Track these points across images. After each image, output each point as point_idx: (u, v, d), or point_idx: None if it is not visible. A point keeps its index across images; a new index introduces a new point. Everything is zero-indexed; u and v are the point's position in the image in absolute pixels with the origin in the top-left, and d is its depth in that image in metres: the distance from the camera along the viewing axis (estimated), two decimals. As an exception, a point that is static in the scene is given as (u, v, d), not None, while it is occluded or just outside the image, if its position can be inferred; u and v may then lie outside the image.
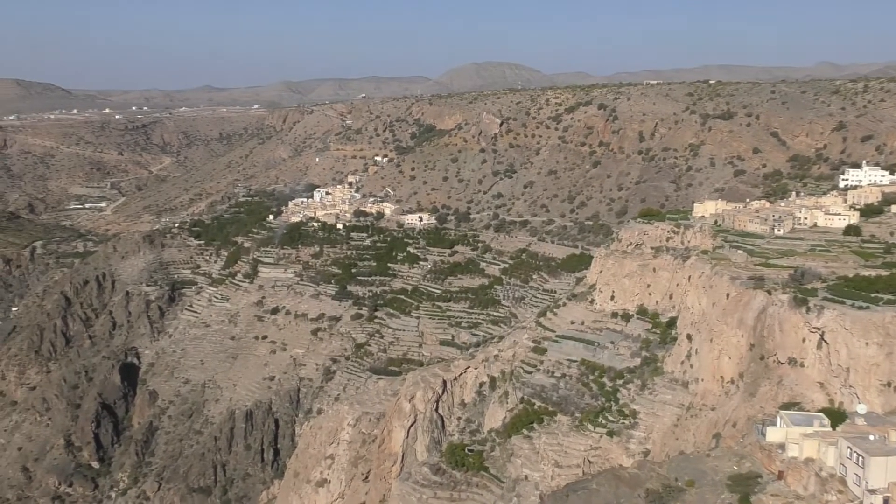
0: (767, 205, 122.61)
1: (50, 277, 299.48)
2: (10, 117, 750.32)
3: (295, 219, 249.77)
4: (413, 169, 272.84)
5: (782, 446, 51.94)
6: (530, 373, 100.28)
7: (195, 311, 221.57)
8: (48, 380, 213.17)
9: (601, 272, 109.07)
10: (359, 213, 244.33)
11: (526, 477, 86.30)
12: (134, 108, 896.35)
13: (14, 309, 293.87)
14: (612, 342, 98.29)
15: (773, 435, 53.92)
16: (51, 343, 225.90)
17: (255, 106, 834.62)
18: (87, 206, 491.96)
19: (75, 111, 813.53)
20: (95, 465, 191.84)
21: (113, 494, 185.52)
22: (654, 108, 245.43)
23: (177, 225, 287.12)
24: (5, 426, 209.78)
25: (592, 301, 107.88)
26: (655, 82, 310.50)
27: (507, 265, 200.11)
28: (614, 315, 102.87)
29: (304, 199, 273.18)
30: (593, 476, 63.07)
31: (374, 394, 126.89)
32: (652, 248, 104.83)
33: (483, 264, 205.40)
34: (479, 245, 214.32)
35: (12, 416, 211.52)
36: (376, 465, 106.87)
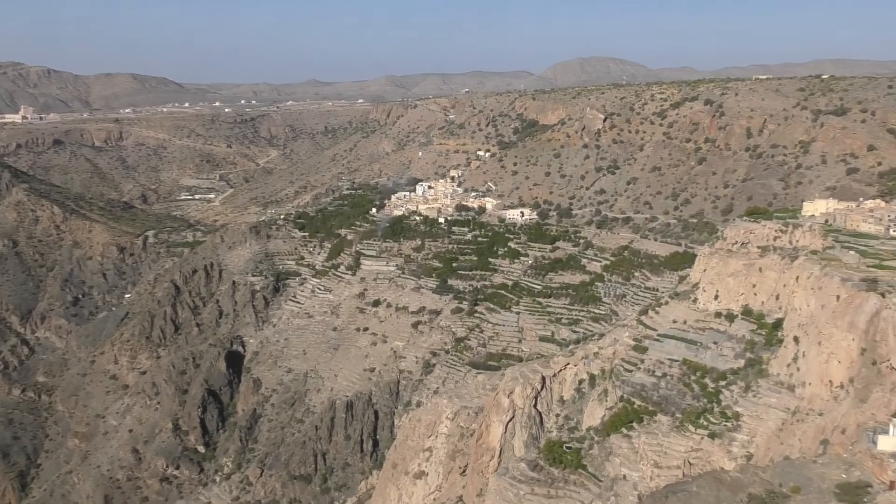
0: (883, 204, 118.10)
1: (161, 266, 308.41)
2: (127, 110, 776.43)
3: (397, 212, 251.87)
4: (515, 164, 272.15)
5: (895, 455, 50.22)
6: (630, 371, 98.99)
7: (298, 302, 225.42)
8: (158, 365, 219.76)
9: (705, 271, 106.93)
10: (460, 208, 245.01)
11: (624, 476, 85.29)
12: (243, 101, 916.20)
13: (127, 296, 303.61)
14: (715, 342, 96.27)
15: (885, 443, 52.13)
16: (161, 329, 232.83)
17: (360, 100, 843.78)
18: (196, 197, 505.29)
19: (187, 104, 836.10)
20: (201, 449, 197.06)
21: (217, 478, 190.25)
22: (763, 103, 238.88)
23: (282, 217, 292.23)
24: (117, 409, 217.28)
25: (695, 300, 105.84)
26: (765, 77, 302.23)
27: (608, 262, 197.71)
28: (718, 315, 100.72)
29: (407, 193, 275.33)
30: (694, 478, 61.98)
31: (472, 388, 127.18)
32: (758, 247, 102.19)
33: (584, 261, 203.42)
34: (581, 241, 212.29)
35: (124, 400, 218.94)
36: (474, 460, 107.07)
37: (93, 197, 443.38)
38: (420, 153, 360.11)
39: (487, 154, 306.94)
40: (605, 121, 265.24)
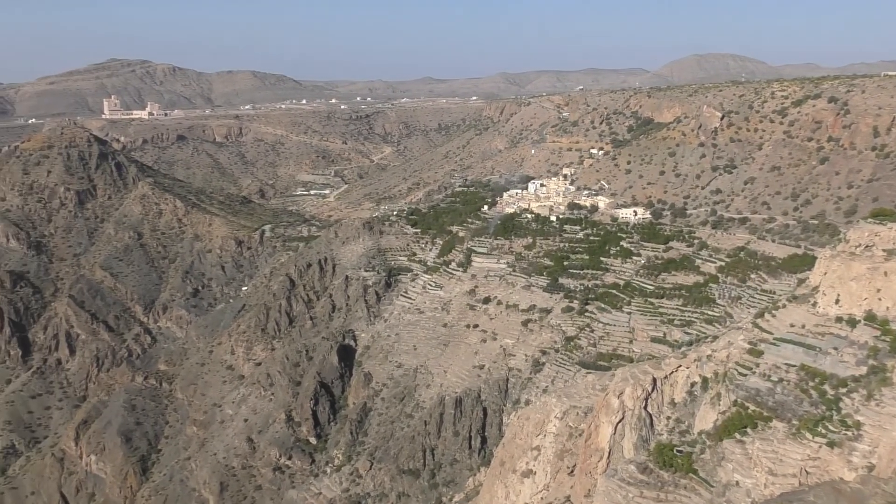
0: None
1: (277, 260, 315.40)
2: (246, 107, 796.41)
3: (509, 210, 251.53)
4: (629, 162, 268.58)
5: None
6: (745, 375, 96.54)
7: (410, 298, 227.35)
8: (272, 357, 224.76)
9: (825, 274, 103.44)
10: (573, 206, 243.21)
11: (737, 483, 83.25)
12: (358, 98, 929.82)
13: (244, 288, 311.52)
14: (835, 348, 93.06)
15: None
16: (276, 322, 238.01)
17: (474, 97, 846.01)
18: (312, 192, 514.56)
19: (304, 101, 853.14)
20: (313, 440, 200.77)
21: (328, 470, 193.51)
22: (893, 101, 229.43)
23: (395, 213, 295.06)
24: (233, 398, 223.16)
25: (815, 304, 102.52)
26: (894, 73, 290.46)
27: (723, 263, 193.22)
28: (839, 320, 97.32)
29: (519, 191, 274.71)
30: (811, 488, 60.22)
31: (582, 388, 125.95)
32: (884, 250, 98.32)
33: (698, 261, 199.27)
34: (695, 242, 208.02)
35: (240, 390, 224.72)
36: (582, 460, 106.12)
37: (213, 191, 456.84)
38: (533, 151, 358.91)
39: (601, 152, 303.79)
40: (722, 119, 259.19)
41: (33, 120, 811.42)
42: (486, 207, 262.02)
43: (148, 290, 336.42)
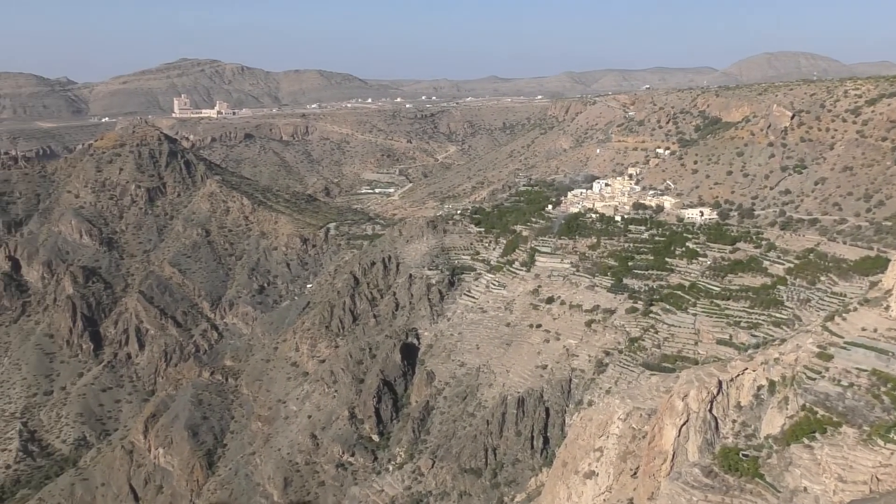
0: None
1: (341, 257, 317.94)
2: (313, 106, 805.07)
3: (573, 209, 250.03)
4: (696, 162, 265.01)
5: None
6: (814, 379, 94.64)
7: (473, 297, 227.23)
8: (336, 354, 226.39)
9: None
10: (638, 206, 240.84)
11: (805, 489, 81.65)
12: (423, 97, 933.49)
13: (309, 286, 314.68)
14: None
15: None
16: (339, 320, 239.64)
17: (539, 96, 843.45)
18: (376, 190, 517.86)
19: (370, 100, 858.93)
20: (375, 438, 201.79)
21: (390, 467, 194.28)
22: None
23: (459, 212, 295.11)
24: (297, 395, 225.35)
25: (888, 308, 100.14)
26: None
27: (792, 265, 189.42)
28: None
29: (584, 190, 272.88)
30: (882, 495, 58.85)
31: (646, 389, 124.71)
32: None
33: (766, 263, 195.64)
34: (763, 243, 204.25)
35: (304, 386, 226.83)
36: (645, 462, 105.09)
37: (279, 189, 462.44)
38: (598, 150, 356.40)
39: (667, 152, 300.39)
40: (792, 118, 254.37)
41: (106, 119, 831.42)
42: (550, 207, 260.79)
43: (215, 287, 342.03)
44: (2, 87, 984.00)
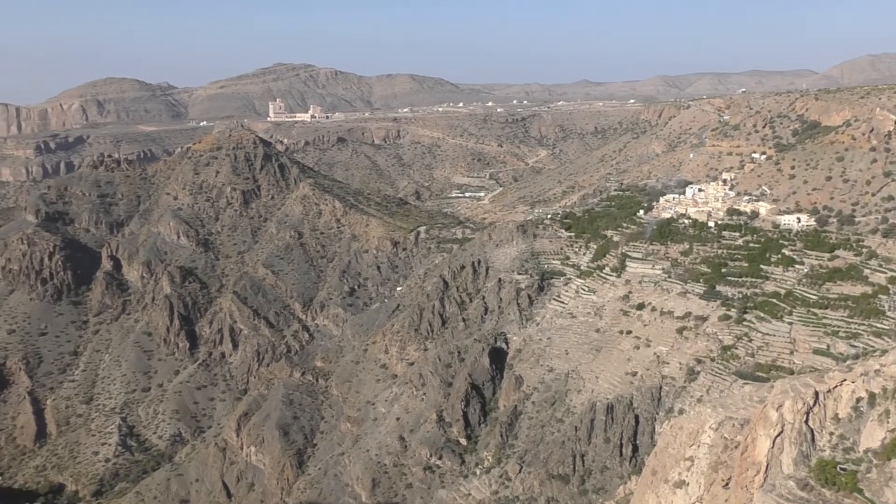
0: None
1: (431, 261, 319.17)
2: (405, 110, 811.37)
3: (665, 215, 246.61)
4: (793, 167, 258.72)
5: None
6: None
7: (562, 302, 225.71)
8: (425, 357, 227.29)
9: None
10: (732, 212, 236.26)
11: (905, 505, 79.06)
12: (515, 101, 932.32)
13: (399, 288, 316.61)
14: None
15: None
16: (428, 323, 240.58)
17: (631, 100, 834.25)
18: (466, 194, 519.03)
19: (461, 104, 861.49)
20: (463, 441, 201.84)
21: (477, 471, 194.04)
22: None
23: (549, 216, 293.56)
24: (386, 397, 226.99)
25: None
26: None
27: (895, 274, 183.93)
28: None
29: (676, 196, 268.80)
30: None
31: (738, 399, 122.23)
32: None
33: (867, 271, 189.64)
34: (864, 250, 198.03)
35: (392, 388, 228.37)
36: (738, 473, 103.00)
37: (370, 192, 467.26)
38: (691, 155, 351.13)
39: (763, 156, 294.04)
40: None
41: (204, 122, 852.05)
42: (641, 212, 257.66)
43: (306, 288, 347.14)
44: (107, 93, 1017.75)
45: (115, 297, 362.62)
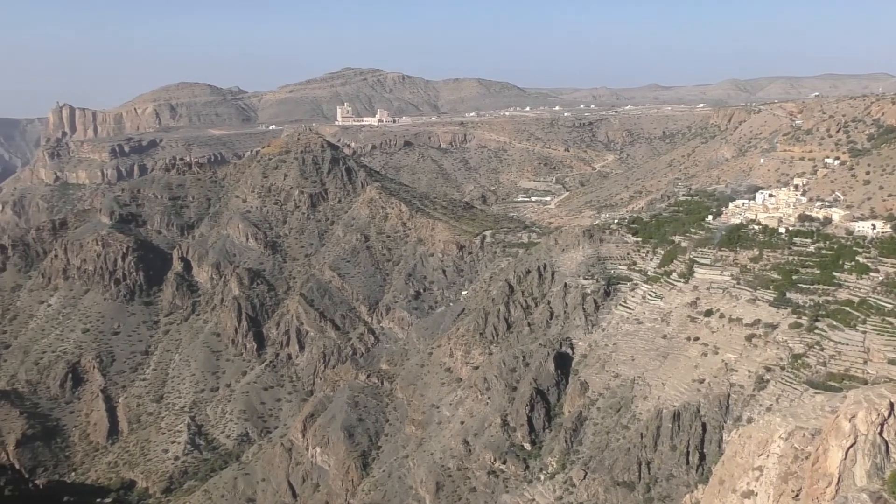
0: None
1: (496, 265, 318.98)
2: (471, 114, 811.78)
3: (734, 220, 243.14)
4: (868, 173, 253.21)
5: None
6: None
7: (628, 308, 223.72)
8: (489, 361, 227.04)
9: None
10: (803, 218, 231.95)
11: (984, 521, 76.59)
12: (582, 105, 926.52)
13: (464, 292, 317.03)
14: None
15: None
16: (493, 327, 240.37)
17: (701, 105, 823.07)
18: (533, 199, 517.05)
19: (528, 108, 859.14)
20: (527, 446, 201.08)
21: (542, 477, 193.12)
22: None
23: (616, 221, 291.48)
24: (451, 400, 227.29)
25: None
26: None
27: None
28: None
29: (746, 201, 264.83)
30: None
31: (809, 408, 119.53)
32: None
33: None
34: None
35: (457, 392, 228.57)
36: (808, 484, 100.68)
37: (436, 196, 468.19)
38: (762, 160, 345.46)
39: (836, 162, 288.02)
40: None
41: (273, 126, 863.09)
42: (710, 217, 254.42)
43: (372, 291, 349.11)
44: (180, 97, 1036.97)
45: (185, 297, 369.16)
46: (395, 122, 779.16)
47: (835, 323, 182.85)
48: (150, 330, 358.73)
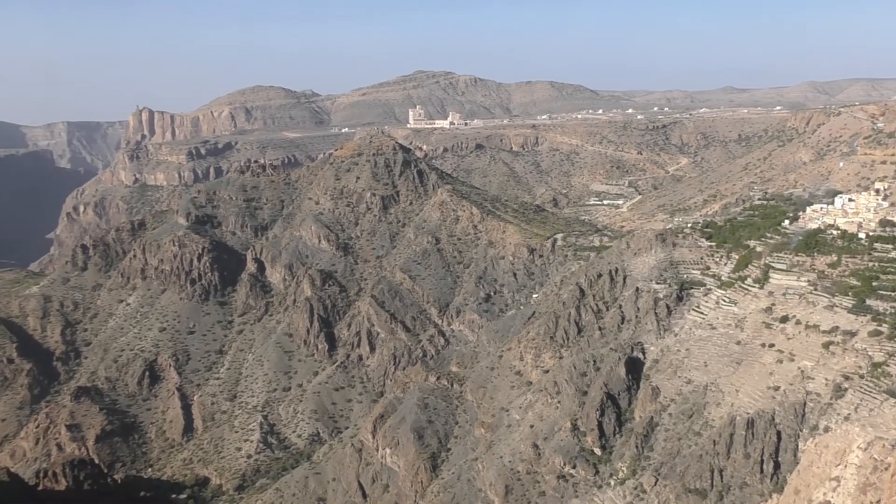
0: None
1: (567, 269, 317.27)
2: (543, 117, 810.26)
3: (812, 225, 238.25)
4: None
5: None
6: None
7: (701, 313, 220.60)
8: (560, 365, 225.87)
9: None
10: (885, 223, 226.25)
11: None
12: (655, 108, 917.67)
13: (534, 295, 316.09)
14: None
15: None
16: (564, 331, 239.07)
17: (778, 107, 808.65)
18: (604, 202, 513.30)
19: (600, 111, 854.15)
20: (597, 451, 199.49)
21: (612, 482, 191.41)
22: None
23: (689, 225, 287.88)
24: (520, 404, 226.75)
25: None
26: None
27: None
28: None
29: (824, 206, 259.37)
30: None
31: (890, 418, 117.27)
32: None
33: None
34: None
35: (527, 396, 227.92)
36: (887, 496, 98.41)
37: (508, 199, 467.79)
38: (841, 163, 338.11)
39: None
40: None
41: (346, 129, 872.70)
42: (786, 222, 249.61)
43: (443, 294, 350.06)
44: (255, 100, 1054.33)
45: (258, 298, 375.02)
46: (466, 124, 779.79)
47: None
48: (224, 329, 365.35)
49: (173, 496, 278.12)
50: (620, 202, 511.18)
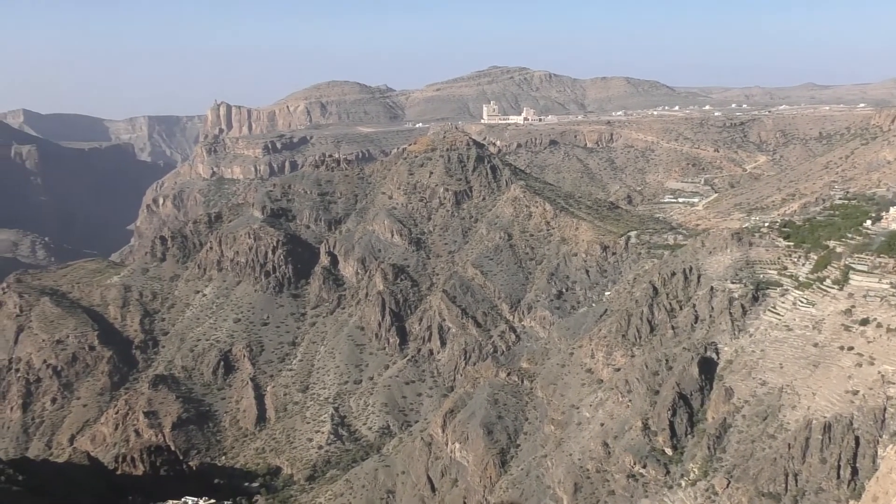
0: None
1: (641, 266, 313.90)
2: (618, 113, 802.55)
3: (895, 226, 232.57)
4: None
5: None
6: None
7: (778, 314, 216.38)
8: (631, 364, 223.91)
9: None
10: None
11: None
12: (733, 105, 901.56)
13: (607, 293, 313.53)
14: None
15: None
16: (636, 329, 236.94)
17: (861, 104, 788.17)
18: (680, 200, 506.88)
19: (676, 108, 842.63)
20: (668, 451, 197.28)
21: (682, 483, 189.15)
22: None
23: (766, 224, 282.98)
24: (591, 402, 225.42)
25: None
26: None
27: None
28: None
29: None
30: None
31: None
32: None
33: None
34: None
35: (598, 394, 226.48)
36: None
37: (581, 196, 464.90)
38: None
39: None
40: None
41: (420, 124, 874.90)
42: (868, 222, 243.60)
43: (514, 290, 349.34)
44: (330, 95, 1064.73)
45: (331, 291, 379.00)
46: (540, 120, 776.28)
47: None
48: (297, 322, 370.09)
49: (246, 484, 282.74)
50: (696, 200, 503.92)
